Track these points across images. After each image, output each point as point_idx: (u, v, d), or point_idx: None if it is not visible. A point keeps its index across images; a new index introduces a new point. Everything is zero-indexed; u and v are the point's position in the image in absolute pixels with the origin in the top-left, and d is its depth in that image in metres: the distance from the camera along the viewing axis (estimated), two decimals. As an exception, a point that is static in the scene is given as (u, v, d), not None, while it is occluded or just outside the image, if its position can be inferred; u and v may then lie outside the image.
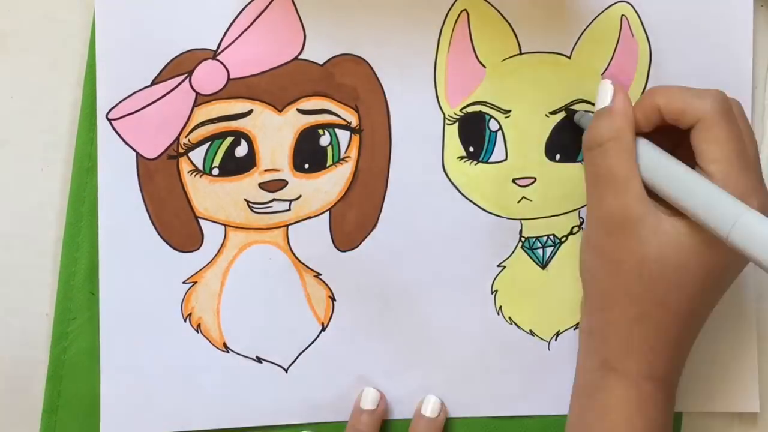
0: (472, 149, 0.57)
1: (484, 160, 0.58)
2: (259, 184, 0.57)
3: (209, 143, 0.56)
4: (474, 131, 0.57)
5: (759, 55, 0.58)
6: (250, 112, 0.56)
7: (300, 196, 0.57)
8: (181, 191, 0.56)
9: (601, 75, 0.57)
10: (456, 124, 0.57)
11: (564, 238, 0.58)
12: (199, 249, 0.57)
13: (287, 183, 0.57)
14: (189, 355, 0.57)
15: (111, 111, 0.56)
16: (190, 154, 0.56)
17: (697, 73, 0.57)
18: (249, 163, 0.56)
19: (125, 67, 0.56)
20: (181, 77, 0.56)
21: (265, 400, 0.57)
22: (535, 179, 0.58)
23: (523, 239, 0.58)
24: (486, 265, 0.58)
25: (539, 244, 0.58)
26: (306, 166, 0.57)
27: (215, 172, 0.56)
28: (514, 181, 0.58)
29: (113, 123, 0.56)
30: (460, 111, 0.57)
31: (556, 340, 0.59)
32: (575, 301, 0.58)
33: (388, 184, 0.57)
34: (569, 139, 0.58)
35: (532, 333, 0.59)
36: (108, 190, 0.56)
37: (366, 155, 0.57)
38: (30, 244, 0.57)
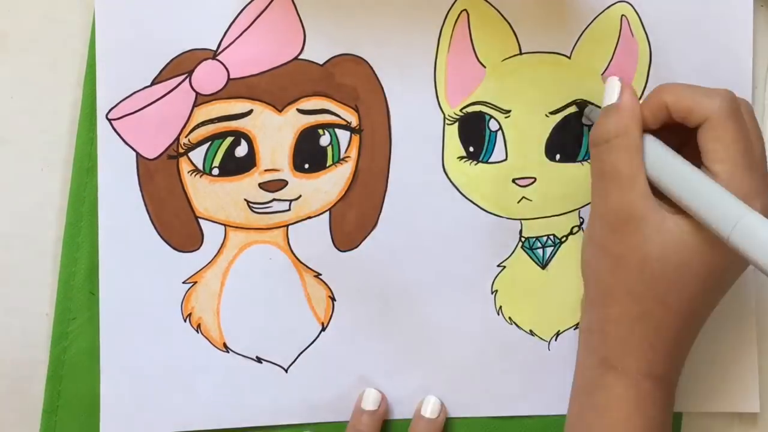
0: (472, 149, 0.57)
1: (484, 160, 0.57)
2: (259, 184, 0.57)
3: (209, 143, 0.56)
4: (474, 131, 0.57)
5: (759, 55, 0.58)
6: (250, 112, 0.56)
7: (300, 196, 0.57)
8: (181, 191, 0.56)
9: (601, 75, 0.57)
10: (456, 124, 0.57)
11: (564, 238, 0.58)
12: (199, 249, 0.57)
13: (287, 183, 0.57)
14: (189, 355, 0.57)
15: (111, 111, 0.56)
16: (190, 154, 0.56)
17: (697, 73, 0.57)
18: (249, 163, 0.56)
19: (125, 67, 0.56)
20: (181, 77, 0.56)
21: (265, 400, 0.57)
22: (535, 179, 0.58)
23: (523, 239, 0.58)
24: (486, 265, 0.58)
25: (539, 244, 0.58)
26: (306, 166, 0.57)
27: (215, 172, 0.56)
28: (514, 181, 0.58)
29: (113, 123, 0.56)
30: (460, 111, 0.57)
31: (556, 340, 0.59)
32: (575, 301, 0.58)
33: (388, 184, 0.57)
34: (569, 139, 0.58)
35: (532, 333, 0.59)
36: (108, 190, 0.56)
37: (366, 155, 0.57)
38: (30, 244, 0.57)
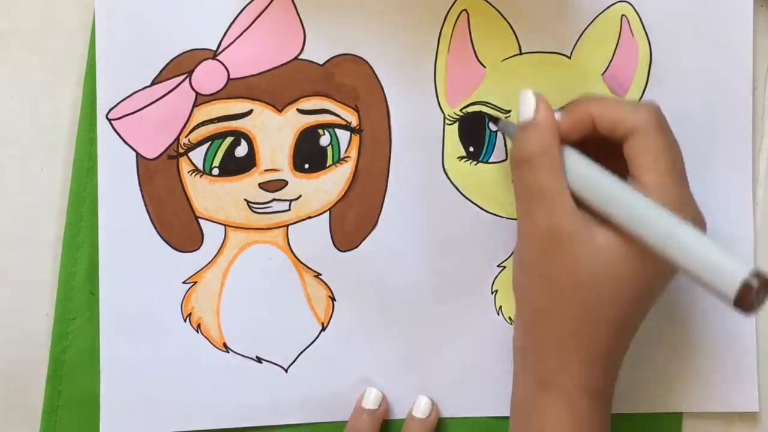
0: (472, 149, 0.57)
1: (484, 160, 0.57)
2: (259, 184, 0.57)
3: (209, 143, 0.56)
4: (474, 131, 0.57)
5: (759, 55, 0.58)
6: (250, 112, 0.56)
7: (300, 196, 0.57)
8: (181, 191, 0.56)
9: (602, 75, 0.57)
10: (456, 124, 0.57)
11: (564, 238, 0.58)
12: (199, 249, 0.57)
13: (287, 183, 0.57)
14: (189, 355, 0.57)
15: (111, 111, 0.56)
16: (190, 154, 0.56)
17: (697, 73, 0.57)
18: (249, 163, 0.56)
19: (125, 67, 0.56)
20: (181, 77, 0.56)
21: (265, 400, 0.57)
22: (535, 179, 0.58)
23: (523, 239, 0.58)
24: (486, 265, 0.58)
25: (539, 244, 0.58)
26: (306, 166, 0.57)
27: (215, 172, 0.56)
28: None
29: (113, 123, 0.56)
30: (460, 111, 0.57)
31: (556, 340, 0.59)
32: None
33: (388, 184, 0.57)
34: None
35: (532, 333, 0.58)
36: (108, 190, 0.56)
37: (366, 155, 0.57)
38: (30, 244, 0.57)
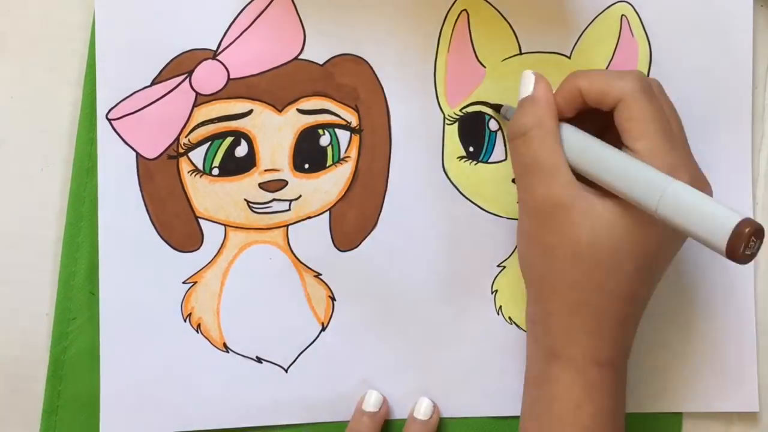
0: (472, 149, 0.57)
1: (484, 160, 0.57)
2: (259, 184, 0.57)
3: (209, 143, 0.56)
4: (474, 131, 0.57)
5: (759, 55, 0.58)
6: (250, 112, 0.56)
7: (300, 196, 0.57)
8: (181, 191, 0.56)
9: (600, 74, 0.57)
10: (456, 124, 0.57)
11: (564, 238, 0.58)
12: (199, 249, 0.57)
13: (287, 183, 0.57)
14: (189, 355, 0.57)
15: (111, 111, 0.56)
16: (190, 154, 0.56)
17: (697, 73, 0.57)
18: (249, 163, 0.56)
19: (125, 67, 0.56)
20: (181, 77, 0.56)
21: (265, 400, 0.57)
22: (535, 179, 0.58)
23: (523, 239, 0.58)
24: (486, 265, 0.58)
25: (539, 244, 0.58)
26: (306, 166, 0.57)
27: (215, 172, 0.56)
28: (514, 181, 0.57)
29: (113, 123, 0.56)
30: (460, 111, 0.57)
31: (556, 340, 0.59)
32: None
33: (388, 184, 0.57)
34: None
35: (532, 333, 0.59)
36: (108, 190, 0.56)
37: (366, 155, 0.57)
38: (30, 244, 0.57)
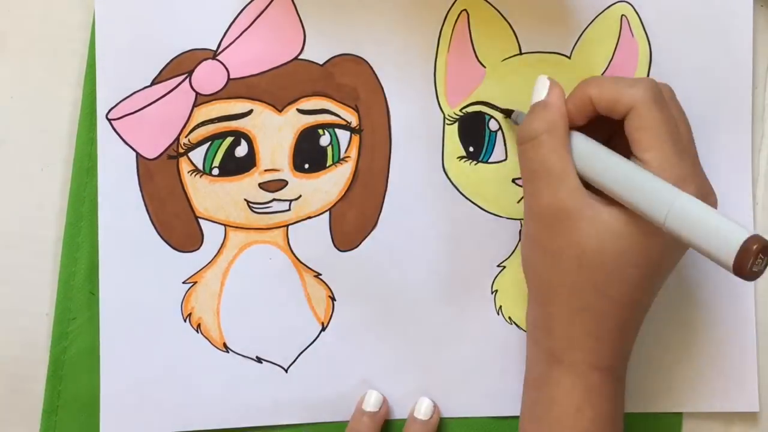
0: (472, 149, 0.57)
1: (484, 160, 0.57)
2: (259, 184, 0.57)
3: (209, 143, 0.56)
4: (474, 131, 0.57)
5: (759, 55, 0.58)
6: (250, 112, 0.56)
7: (300, 196, 0.57)
8: (181, 191, 0.56)
9: (601, 75, 0.57)
10: (456, 124, 0.57)
11: (564, 238, 0.58)
12: (199, 249, 0.57)
13: (287, 183, 0.57)
14: (189, 355, 0.57)
15: (111, 111, 0.56)
16: (190, 154, 0.56)
17: (697, 73, 0.57)
18: (249, 163, 0.56)
19: (125, 67, 0.56)
20: (181, 77, 0.56)
21: (265, 400, 0.57)
22: (535, 179, 0.58)
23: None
24: (486, 265, 0.58)
25: (539, 244, 0.58)
26: (306, 166, 0.57)
27: (215, 172, 0.56)
28: (514, 181, 0.58)
29: (113, 123, 0.56)
30: (460, 111, 0.57)
31: (556, 340, 0.59)
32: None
33: (388, 184, 0.57)
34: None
35: (532, 333, 0.59)
36: (108, 190, 0.56)
37: (366, 155, 0.57)
38: (30, 244, 0.57)
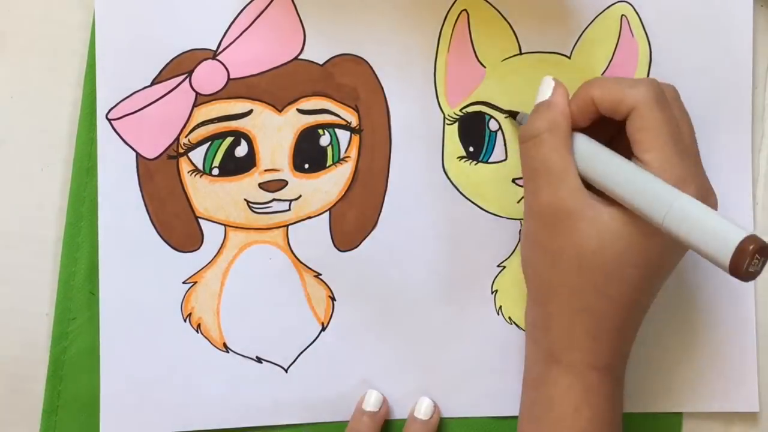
0: (472, 149, 0.57)
1: (484, 160, 0.57)
2: (259, 184, 0.57)
3: (209, 143, 0.56)
4: (474, 131, 0.57)
5: (759, 55, 0.58)
6: (250, 112, 0.56)
7: (300, 196, 0.57)
8: (181, 191, 0.56)
9: (602, 75, 0.57)
10: (456, 124, 0.57)
11: (564, 238, 0.58)
12: (199, 249, 0.57)
13: (287, 183, 0.57)
14: (189, 355, 0.57)
15: (111, 111, 0.56)
16: (190, 154, 0.56)
17: (697, 73, 0.57)
18: (249, 163, 0.56)
19: (125, 67, 0.56)
20: (181, 77, 0.56)
21: (265, 400, 0.57)
22: (535, 179, 0.58)
23: (523, 239, 0.58)
24: (486, 265, 0.58)
25: (539, 244, 0.58)
26: (306, 166, 0.57)
27: (215, 172, 0.56)
28: (514, 181, 0.58)
29: (113, 123, 0.56)
30: (460, 111, 0.57)
31: (556, 340, 0.59)
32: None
33: (388, 184, 0.57)
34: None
35: (532, 333, 0.59)
36: (108, 190, 0.56)
37: (366, 155, 0.57)
38: (30, 244, 0.57)
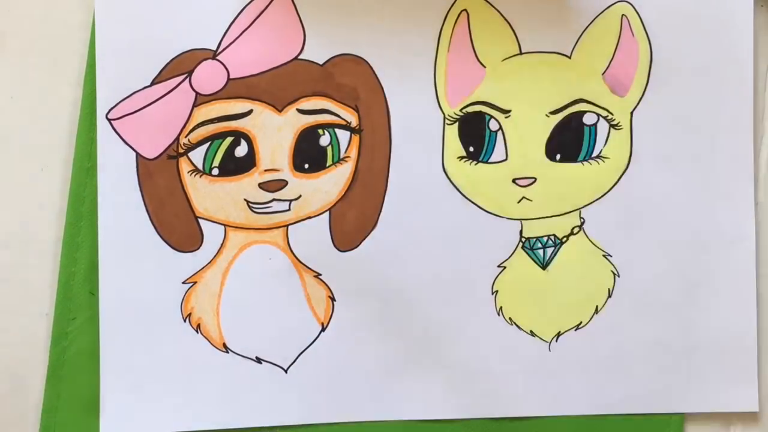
0: (472, 149, 0.57)
1: (484, 160, 0.57)
2: (259, 184, 0.57)
3: (209, 143, 0.56)
4: (474, 131, 0.57)
5: (759, 54, 0.58)
6: (250, 112, 0.56)
7: (300, 196, 0.57)
8: (181, 191, 0.56)
9: (602, 75, 0.57)
10: (456, 124, 0.57)
11: (564, 239, 0.58)
12: (199, 249, 0.57)
13: (287, 183, 0.57)
14: (189, 355, 0.57)
15: (111, 111, 0.56)
16: (189, 154, 0.56)
17: (697, 73, 0.57)
18: (249, 163, 0.56)
19: (125, 67, 0.56)
20: (181, 77, 0.56)
21: (264, 400, 0.57)
22: (535, 179, 0.58)
23: (523, 239, 0.58)
24: (486, 265, 0.58)
25: (539, 245, 0.58)
26: (306, 166, 0.57)
27: (215, 172, 0.56)
28: (514, 181, 0.58)
29: (113, 123, 0.56)
30: (460, 111, 0.57)
31: (556, 340, 0.59)
32: (576, 302, 0.58)
33: (388, 184, 0.57)
34: (570, 139, 0.58)
35: (532, 333, 0.58)
36: (108, 190, 0.56)
37: (366, 155, 0.57)
38: (30, 244, 0.57)
